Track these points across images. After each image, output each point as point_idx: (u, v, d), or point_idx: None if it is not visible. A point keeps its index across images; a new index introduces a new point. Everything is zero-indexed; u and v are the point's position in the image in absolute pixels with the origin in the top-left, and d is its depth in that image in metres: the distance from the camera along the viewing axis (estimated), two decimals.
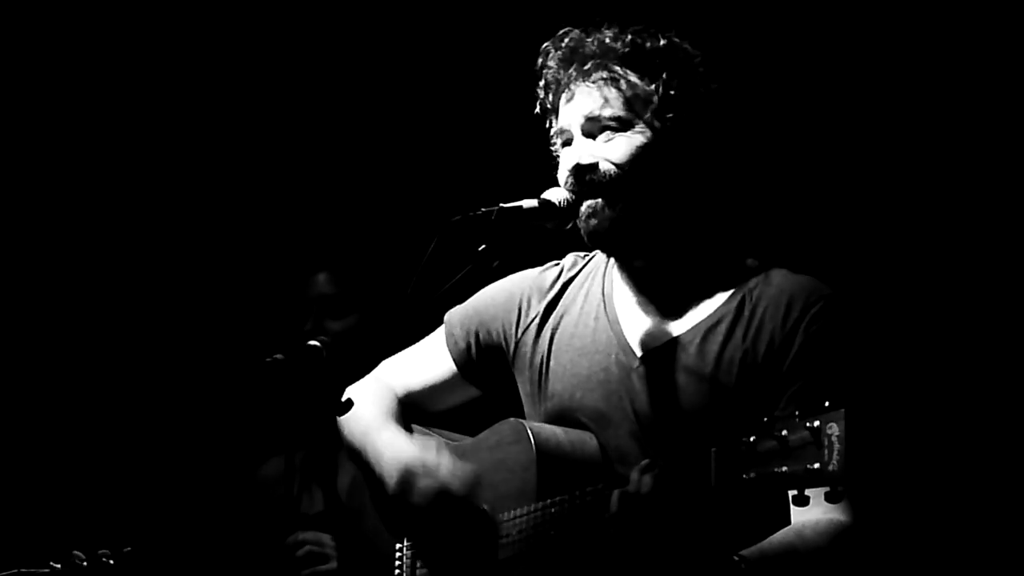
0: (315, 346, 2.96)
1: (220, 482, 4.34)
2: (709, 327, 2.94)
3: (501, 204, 2.89)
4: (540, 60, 3.03)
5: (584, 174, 2.91)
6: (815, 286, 2.93)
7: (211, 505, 4.32)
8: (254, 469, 4.13)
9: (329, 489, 3.86)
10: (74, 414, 4.81)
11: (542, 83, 3.02)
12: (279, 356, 2.92)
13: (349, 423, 3.23)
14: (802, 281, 2.94)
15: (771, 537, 2.74)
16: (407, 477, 3.04)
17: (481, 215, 2.83)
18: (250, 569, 4.00)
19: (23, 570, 3.46)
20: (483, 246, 2.81)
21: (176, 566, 4.12)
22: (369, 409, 3.22)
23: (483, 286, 3.22)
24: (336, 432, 3.33)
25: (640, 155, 2.92)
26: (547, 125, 3.08)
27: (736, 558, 2.64)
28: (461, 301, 3.24)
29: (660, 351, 2.95)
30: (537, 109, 3.07)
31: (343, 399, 2.88)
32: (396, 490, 3.05)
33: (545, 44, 3.04)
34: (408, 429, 3.22)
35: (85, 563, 3.44)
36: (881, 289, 4.16)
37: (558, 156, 3.05)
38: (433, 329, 3.31)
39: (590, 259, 3.17)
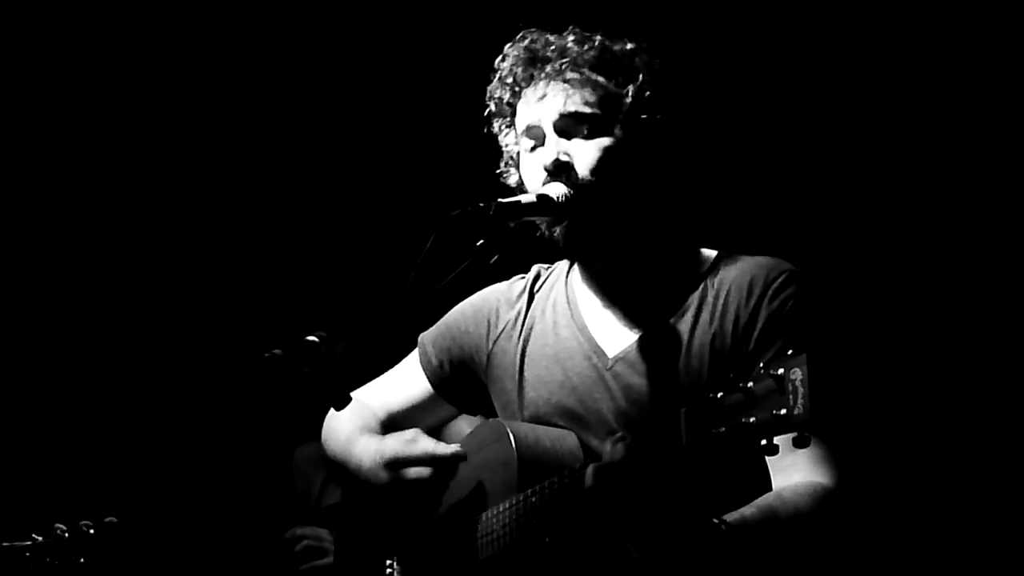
0: (313, 341, 2.97)
1: (218, 477, 4.34)
2: (675, 318, 2.96)
3: (499, 199, 2.89)
4: (502, 63, 3.02)
5: (562, 172, 2.91)
6: (775, 263, 2.95)
7: (209, 501, 4.32)
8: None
9: (327, 484, 3.86)
10: (71, 404, 4.81)
11: (508, 80, 2.99)
12: (277, 351, 2.93)
13: (329, 440, 3.30)
14: (763, 260, 2.97)
15: (752, 502, 2.76)
16: (392, 466, 3.08)
17: (479, 210, 2.82)
18: (248, 564, 4.01)
19: (5, 543, 3.46)
20: (481, 241, 2.81)
21: (157, 539, 4.12)
22: (346, 424, 3.26)
23: (481, 281, 3.22)
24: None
25: (614, 160, 2.92)
26: (499, 127, 3.07)
27: (716, 521, 2.65)
28: (459, 296, 3.25)
29: (631, 350, 2.97)
30: (492, 110, 3.05)
31: (342, 395, 2.88)
32: (386, 483, 3.09)
33: (507, 48, 3.02)
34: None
35: (67, 534, 3.44)
36: (845, 272, 4.20)
37: (512, 152, 3.06)
38: (430, 324, 3.32)
39: (552, 269, 3.19)
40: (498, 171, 3.13)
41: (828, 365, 2.27)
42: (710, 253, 3.04)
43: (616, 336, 3.01)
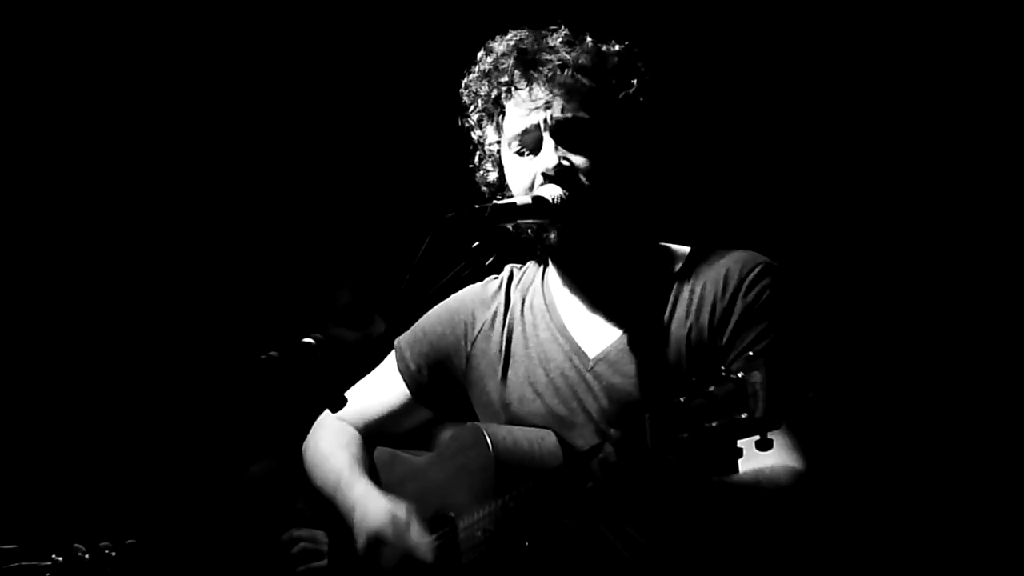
0: (309, 343, 2.98)
1: (216, 479, 4.34)
2: (653, 316, 2.96)
3: (495, 200, 2.91)
4: (487, 57, 3.02)
5: (564, 178, 2.91)
6: (750, 256, 2.96)
7: (207, 502, 4.32)
8: (248, 466, 4.14)
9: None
10: (75, 410, 4.81)
11: (502, 79, 2.99)
12: (274, 353, 2.94)
13: (318, 473, 3.32)
14: (737, 254, 2.98)
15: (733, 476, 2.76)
16: (375, 542, 3.09)
17: (475, 211, 2.83)
18: (245, 566, 4.01)
19: (25, 563, 3.45)
20: (477, 243, 2.81)
21: (177, 559, 4.12)
22: (336, 459, 3.28)
23: (476, 282, 3.24)
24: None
25: (610, 165, 2.94)
26: (478, 120, 3.06)
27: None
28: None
29: (611, 350, 2.98)
30: (477, 104, 3.05)
31: (338, 397, 2.89)
32: (364, 552, 3.10)
33: (491, 43, 3.03)
34: (371, 456, 3.31)
35: (87, 556, 3.43)
36: (818, 264, 4.21)
37: (492, 149, 3.06)
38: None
39: (525, 269, 3.19)
40: (472, 166, 3.12)
41: (787, 366, 2.30)
42: (683, 249, 3.05)
43: (596, 337, 3.02)
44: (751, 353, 2.38)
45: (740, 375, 2.36)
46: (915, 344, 4.21)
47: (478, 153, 3.10)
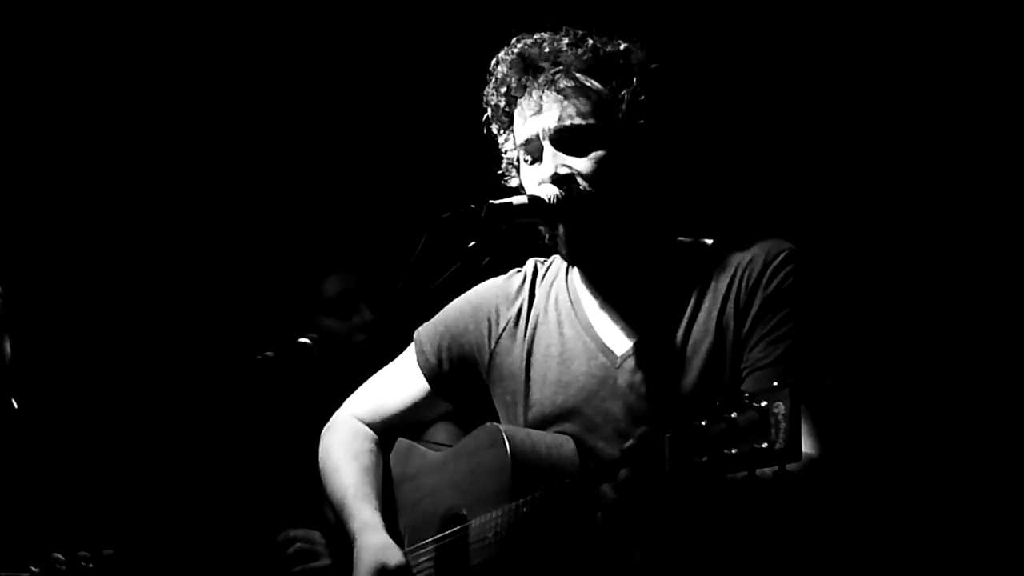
0: (306, 343, 3.00)
1: (211, 480, 4.34)
2: (680, 313, 2.95)
3: (491, 200, 2.88)
4: (495, 68, 3.02)
5: (563, 185, 2.90)
6: (775, 243, 2.96)
7: (202, 503, 4.32)
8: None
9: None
10: (59, 414, 4.79)
11: (502, 89, 2.99)
12: (270, 354, 2.95)
13: (328, 486, 3.30)
14: (762, 241, 2.97)
15: None
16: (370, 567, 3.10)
17: (471, 211, 2.81)
18: (241, 567, 4.01)
19: (2, 573, 3.42)
20: (473, 243, 2.80)
21: (158, 568, 4.11)
22: (344, 474, 3.26)
23: (473, 283, 3.22)
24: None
25: (612, 170, 2.92)
26: (497, 131, 3.07)
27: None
28: (451, 298, 3.23)
29: (637, 347, 2.96)
30: (489, 115, 3.05)
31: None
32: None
33: (499, 53, 3.02)
34: (386, 457, 3.30)
35: (64, 567, 3.39)
36: (840, 254, 4.21)
37: (512, 161, 3.07)
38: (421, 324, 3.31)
39: (550, 263, 3.18)
40: (499, 172, 3.12)
41: (811, 395, 2.27)
42: (706, 243, 3.04)
43: (622, 334, 2.99)
44: (776, 383, 2.37)
45: (763, 404, 2.36)
46: (935, 333, 4.19)
47: (504, 161, 3.11)
